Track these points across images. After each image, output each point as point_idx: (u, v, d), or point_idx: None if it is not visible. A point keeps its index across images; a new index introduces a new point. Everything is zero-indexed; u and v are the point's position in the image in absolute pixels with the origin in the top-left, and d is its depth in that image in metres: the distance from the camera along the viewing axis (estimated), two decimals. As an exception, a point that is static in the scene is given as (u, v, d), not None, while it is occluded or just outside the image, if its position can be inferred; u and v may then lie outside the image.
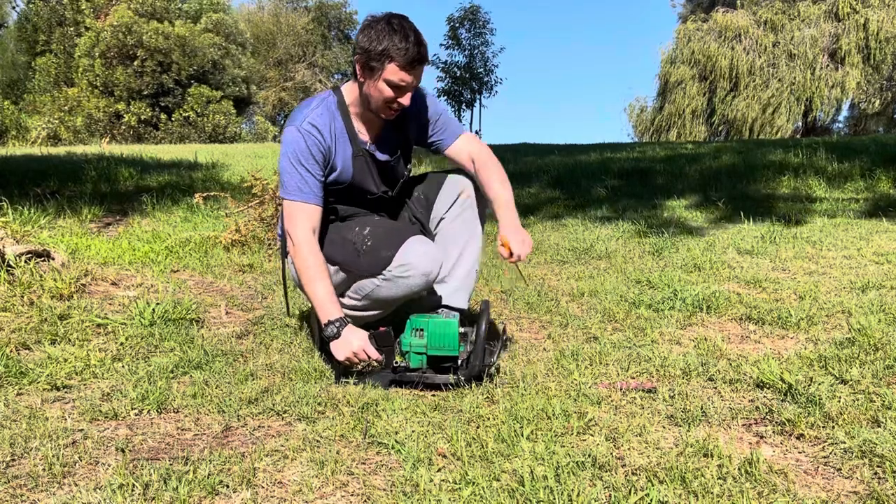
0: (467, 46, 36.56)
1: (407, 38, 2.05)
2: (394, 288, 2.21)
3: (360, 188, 2.31)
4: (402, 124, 2.34)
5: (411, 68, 2.08)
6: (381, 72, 2.09)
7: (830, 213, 5.21)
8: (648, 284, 3.35)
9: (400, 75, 2.08)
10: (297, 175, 2.16)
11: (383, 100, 2.13)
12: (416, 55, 2.07)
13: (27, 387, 2.06)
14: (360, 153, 2.26)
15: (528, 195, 6.77)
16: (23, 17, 28.45)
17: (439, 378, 2.08)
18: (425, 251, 2.19)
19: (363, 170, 2.28)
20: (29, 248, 3.13)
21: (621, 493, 1.45)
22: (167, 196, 5.65)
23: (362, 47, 2.10)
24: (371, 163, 2.30)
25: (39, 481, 1.52)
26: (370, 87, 2.13)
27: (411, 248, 2.18)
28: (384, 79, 2.09)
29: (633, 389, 2.03)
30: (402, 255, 2.17)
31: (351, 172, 2.27)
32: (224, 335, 2.65)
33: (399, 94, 2.12)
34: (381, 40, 2.05)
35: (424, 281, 2.20)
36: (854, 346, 2.32)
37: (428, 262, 2.18)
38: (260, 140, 26.86)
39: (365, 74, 2.13)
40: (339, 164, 2.25)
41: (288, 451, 1.68)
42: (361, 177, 2.29)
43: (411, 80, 2.11)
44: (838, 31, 23.28)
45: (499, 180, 2.34)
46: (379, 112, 2.18)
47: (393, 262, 2.18)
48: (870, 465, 1.56)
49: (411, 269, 2.17)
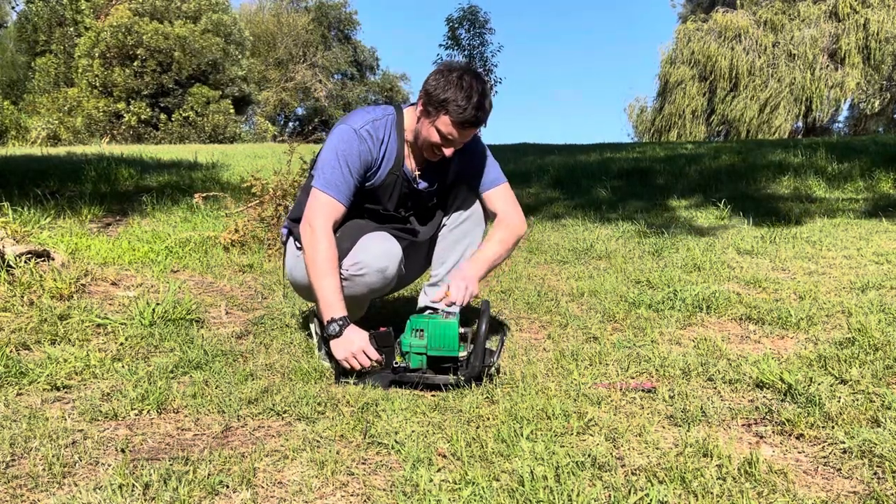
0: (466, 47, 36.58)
1: (469, 99, 2.08)
2: (354, 287, 2.20)
3: (378, 199, 2.32)
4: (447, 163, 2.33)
5: (462, 128, 2.12)
6: (435, 119, 2.13)
7: (830, 213, 5.21)
8: (648, 284, 3.35)
9: (450, 129, 2.12)
10: (338, 171, 2.17)
11: (429, 143, 2.18)
12: (472, 118, 2.10)
13: (27, 387, 2.06)
14: (396, 172, 2.27)
15: (528, 195, 6.77)
16: (22, 18, 28.44)
17: (439, 378, 2.08)
18: (380, 247, 2.19)
19: (391, 187, 2.30)
20: (29, 249, 3.13)
21: (621, 493, 1.45)
22: (167, 196, 5.65)
23: (427, 89, 2.14)
24: (404, 185, 2.30)
25: (39, 481, 1.52)
26: (423, 125, 2.18)
27: (364, 245, 2.19)
28: (435, 126, 2.14)
29: (632, 389, 2.03)
30: (354, 254, 2.18)
31: (378, 184, 2.28)
32: (224, 335, 2.65)
33: (445, 144, 2.17)
34: (446, 90, 2.09)
35: (381, 277, 2.19)
36: (854, 346, 2.32)
37: (382, 259, 2.17)
38: (260, 140, 26.85)
39: (422, 113, 2.18)
40: (377, 179, 2.27)
41: (288, 452, 1.68)
42: (386, 191, 2.30)
43: (459, 137, 2.15)
44: (838, 31, 23.27)
45: (498, 240, 2.36)
46: (422, 150, 2.23)
47: (348, 259, 2.18)
48: (869, 465, 1.56)
49: (365, 266, 2.16)
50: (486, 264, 2.33)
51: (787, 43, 23.69)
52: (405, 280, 2.68)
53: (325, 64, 37.43)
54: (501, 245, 2.36)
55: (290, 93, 36.42)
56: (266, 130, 30.42)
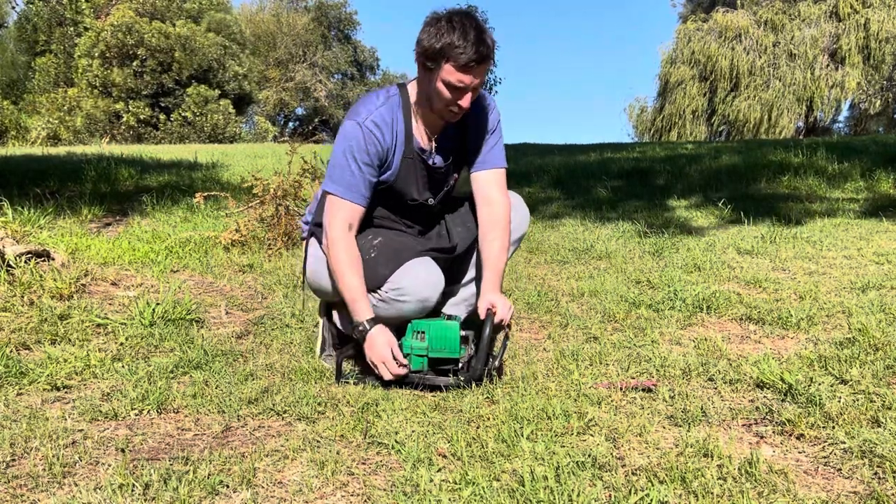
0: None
1: (466, 37, 1.93)
2: (390, 310, 2.14)
3: (401, 192, 2.21)
4: (463, 133, 2.23)
5: (468, 69, 1.96)
6: (438, 72, 1.99)
7: (831, 213, 5.21)
8: (648, 284, 3.35)
9: (457, 76, 1.97)
10: (348, 170, 2.09)
11: (443, 102, 2.03)
12: (475, 55, 1.94)
13: (27, 387, 2.06)
14: (411, 155, 2.16)
15: (528, 195, 6.77)
16: (22, 17, 28.44)
17: (440, 380, 2.08)
18: (426, 277, 2.11)
19: (409, 173, 2.18)
20: (29, 249, 3.13)
21: (621, 493, 1.45)
22: (167, 196, 5.65)
23: (421, 45, 1.99)
24: (421, 167, 2.19)
25: (39, 481, 1.52)
26: (429, 86, 2.04)
27: (410, 273, 2.10)
28: (441, 79, 1.99)
29: (633, 389, 2.03)
30: (399, 278, 2.10)
31: (396, 174, 2.17)
32: (224, 335, 2.65)
33: (458, 96, 2.01)
34: (440, 39, 1.94)
35: (421, 307, 2.12)
36: (854, 346, 2.32)
37: (425, 288, 2.10)
38: (260, 140, 26.86)
39: (424, 72, 2.04)
40: (393, 165, 2.16)
41: (288, 452, 1.67)
42: (406, 180, 2.19)
43: (470, 81, 1.99)
44: (839, 31, 23.27)
45: (501, 246, 2.23)
46: (441, 114, 2.09)
47: (389, 283, 2.11)
48: (870, 465, 1.55)
49: (407, 293, 2.10)
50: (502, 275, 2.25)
51: (788, 43, 23.69)
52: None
53: (325, 64, 37.43)
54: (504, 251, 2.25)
55: (290, 93, 36.42)
56: (266, 130, 30.41)
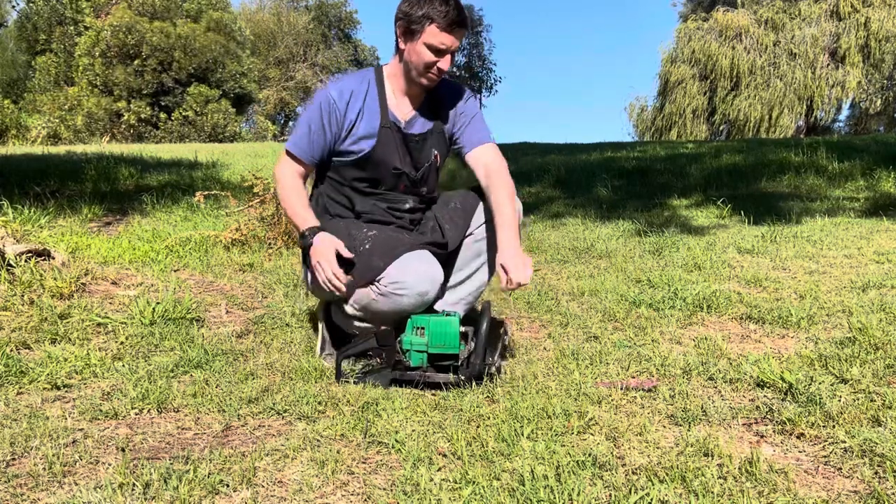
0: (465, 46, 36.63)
1: (447, 2, 2.11)
2: (388, 304, 2.16)
3: (382, 160, 2.29)
4: (438, 109, 2.35)
5: (451, 31, 2.13)
6: (420, 34, 2.13)
7: (831, 213, 5.21)
8: (649, 284, 3.34)
9: (440, 38, 2.12)
10: (306, 131, 2.25)
11: (423, 64, 2.16)
12: (456, 17, 2.12)
13: (27, 386, 2.06)
14: (388, 125, 2.27)
15: (528, 194, 6.77)
16: (23, 16, 28.43)
17: (440, 377, 2.08)
18: (425, 270, 2.14)
19: (388, 142, 2.27)
20: (29, 248, 3.13)
21: (622, 492, 1.45)
22: (167, 195, 5.65)
23: (403, 11, 2.15)
24: (397, 136, 2.29)
25: (40, 480, 1.52)
26: (411, 52, 2.18)
27: (408, 266, 2.13)
28: (424, 42, 2.14)
29: (633, 388, 2.03)
30: (397, 272, 2.12)
31: (374, 143, 2.26)
32: (224, 334, 2.65)
33: (438, 58, 2.16)
34: (422, 5, 2.11)
35: (420, 301, 2.14)
36: (854, 345, 2.32)
37: (424, 282, 2.12)
38: (260, 139, 26.85)
39: (406, 39, 2.18)
40: (363, 131, 2.25)
41: (288, 451, 1.67)
42: (385, 149, 2.28)
43: (451, 42, 2.15)
44: (839, 30, 23.26)
45: (507, 195, 2.26)
46: (419, 78, 2.21)
47: (388, 277, 2.13)
48: (870, 465, 1.55)
49: (406, 287, 2.11)
50: (517, 230, 2.26)
51: (788, 42, 23.68)
52: None
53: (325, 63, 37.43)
54: (511, 201, 2.27)
55: (291, 92, 36.41)
56: (266, 129, 30.41)
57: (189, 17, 24.99)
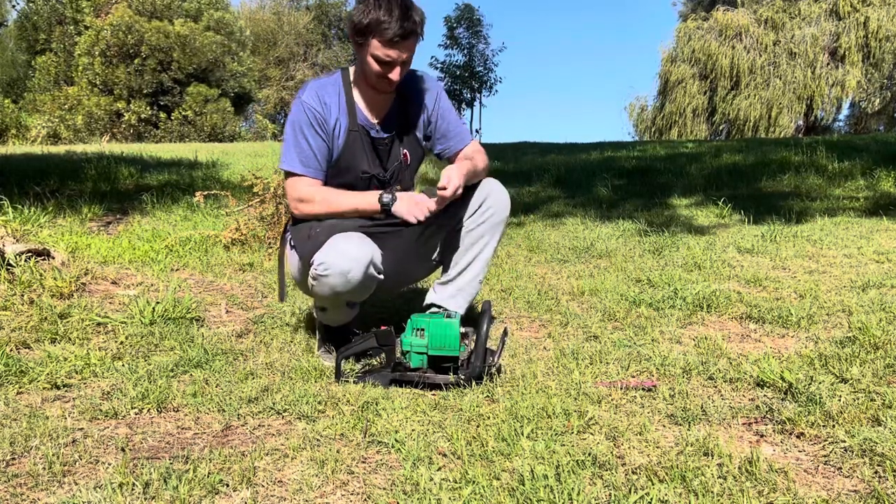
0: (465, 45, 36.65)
1: (391, 13, 2.01)
2: (320, 286, 2.13)
3: (350, 165, 2.26)
4: (408, 109, 2.32)
5: (393, 44, 2.05)
6: (367, 46, 2.08)
7: (831, 212, 5.21)
8: (649, 283, 3.34)
9: (384, 51, 2.06)
10: (298, 147, 2.19)
11: (374, 74, 2.12)
12: (399, 31, 2.02)
13: (27, 385, 2.06)
14: (355, 128, 2.23)
15: (528, 193, 6.76)
16: (23, 16, 28.43)
17: (440, 378, 2.08)
18: (345, 249, 2.08)
19: (355, 146, 2.25)
20: (29, 247, 3.13)
21: (621, 491, 1.45)
22: (167, 195, 5.64)
23: (350, 21, 2.10)
24: (367, 139, 2.26)
25: (40, 480, 1.52)
26: (362, 61, 2.13)
27: (331, 246, 2.09)
28: (370, 54, 2.08)
29: (633, 388, 2.03)
30: (322, 254, 2.09)
31: (342, 147, 2.24)
32: (224, 334, 2.65)
33: (387, 70, 2.10)
34: (367, 15, 2.03)
35: (344, 280, 2.08)
36: (854, 344, 2.32)
37: (346, 261, 2.06)
38: (260, 139, 26.84)
39: (356, 49, 2.15)
40: (340, 139, 2.23)
41: (288, 450, 1.67)
42: (353, 153, 2.25)
43: (396, 55, 2.07)
44: (839, 29, 23.27)
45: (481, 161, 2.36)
46: (375, 86, 2.18)
47: (316, 260, 2.11)
48: (870, 464, 1.55)
49: (329, 267, 2.07)
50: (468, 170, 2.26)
51: (788, 41, 23.69)
52: (410, 278, 2.66)
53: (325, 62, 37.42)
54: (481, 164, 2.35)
55: (291, 91, 36.39)
56: (266, 129, 30.40)
57: (189, 16, 24.97)
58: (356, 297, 2.22)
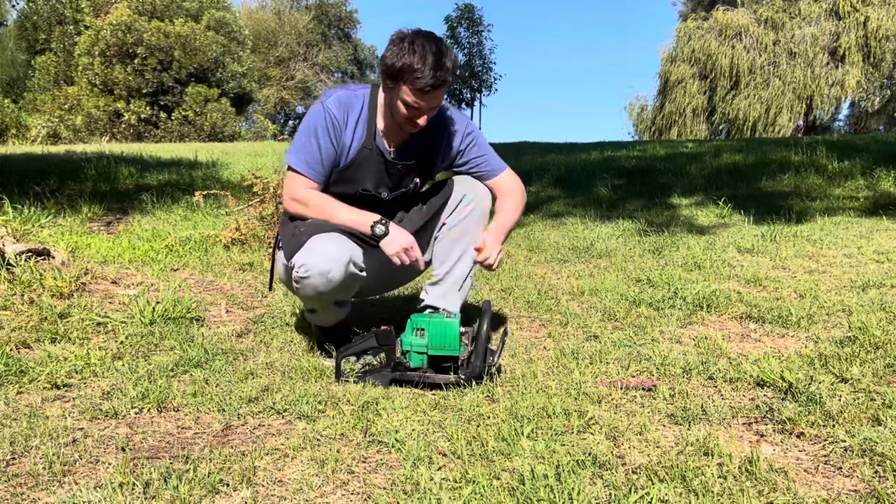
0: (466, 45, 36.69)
1: (424, 61, 1.99)
2: (303, 288, 2.14)
3: (352, 179, 2.26)
4: (430, 145, 2.31)
5: (424, 94, 2.04)
6: (397, 91, 2.07)
7: (831, 212, 5.21)
8: (649, 283, 3.34)
9: (413, 98, 2.05)
10: (308, 147, 2.19)
11: (401, 116, 2.12)
12: (431, 81, 2.01)
13: (27, 385, 2.06)
14: (370, 146, 2.23)
15: (528, 193, 6.69)
16: (22, 16, 28.44)
17: (440, 378, 2.08)
18: (325, 249, 2.08)
19: (365, 163, 2.24)
20: (29, 247, 3.13)
21: (622, 491, 1.45)
22: (167, 195, 5.64)
23: (384, 62, 2.09)
24: (379, 159, 2.25)
25: (40, 480, 1.52)
26: (391, 98, 2.14)
27: (311, 246, 2.09)
28: (400, 98, 2.08)
29: (633, 388, 2.03)
30: (302, 256, 2.10)
31: (350, 161, 2.24)
32: (224, 334, 2.65)
33: (415, 115, 2.10)
34: (401, 59, 2.01)
35: (325, 280, 2.08)
36: (854, 344, 2.32)
37: (325, 261, 2.06)
38: (260, 138, 26.84)
39: (386, 88, 2.14)
40: (350, 154, 2.23)
41: (288, 450, 1.67)
42: (360, 169, 2.25)
43: (426, 105, 2.08)
44: (838, 29, 23.26)
45: (512, 205, 2.40)
46: (401, 125, 2.18)
47: (296, 263, 2.11)
48: (870, 464, 1.55)
49: (309, 268, 2.08)
50: (506, 231, 2.37)
51: (788, 41, 23.68)
52: (399, 281, 2.66)
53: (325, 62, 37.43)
54: (516, 211, 2.41)
55: (291, 91, 36.41)
56: (266, 128, 30.40)
57: (189, 16, 24.97)
58: (341, 295, 2.24)
